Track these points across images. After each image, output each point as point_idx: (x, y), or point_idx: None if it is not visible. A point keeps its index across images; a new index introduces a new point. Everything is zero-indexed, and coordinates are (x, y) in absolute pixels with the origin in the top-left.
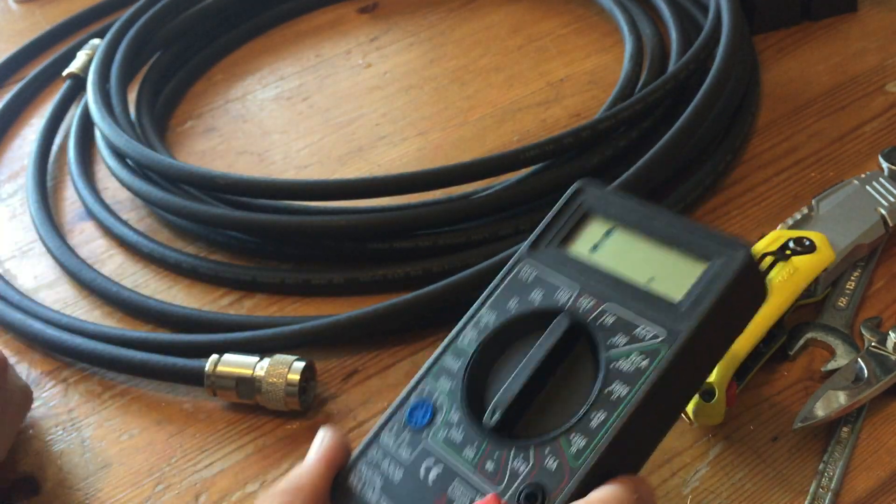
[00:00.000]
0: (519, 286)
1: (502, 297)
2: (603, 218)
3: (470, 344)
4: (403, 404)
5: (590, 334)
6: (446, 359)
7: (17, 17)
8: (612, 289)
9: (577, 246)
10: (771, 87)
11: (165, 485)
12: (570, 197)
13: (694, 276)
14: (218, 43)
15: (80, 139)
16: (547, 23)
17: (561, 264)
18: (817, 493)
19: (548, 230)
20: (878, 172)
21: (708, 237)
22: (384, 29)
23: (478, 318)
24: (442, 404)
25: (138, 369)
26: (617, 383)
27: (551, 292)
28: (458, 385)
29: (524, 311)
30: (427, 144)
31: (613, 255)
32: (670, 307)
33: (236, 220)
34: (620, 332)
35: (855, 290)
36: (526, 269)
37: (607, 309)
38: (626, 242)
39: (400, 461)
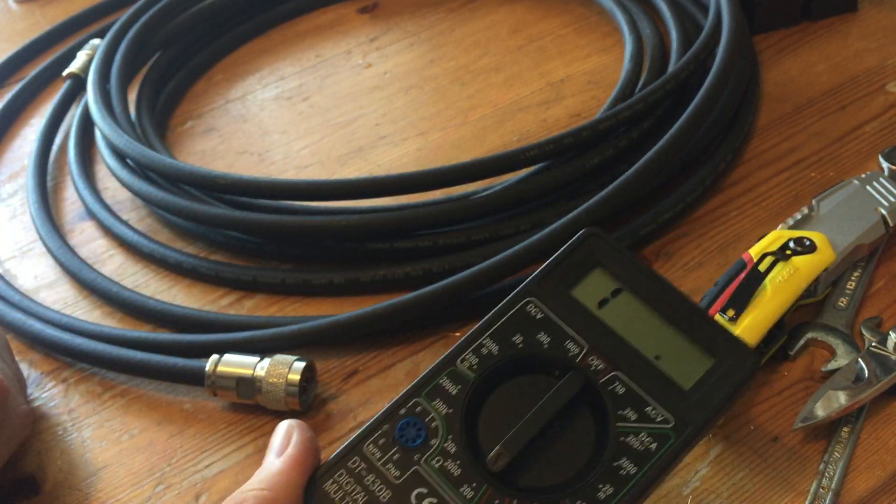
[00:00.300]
0: (525, 322)
1: (507, 330)
2: (612, 275)
3: (470, 370)
4: (392, 417)
5: (599, 399)
6: (443, 380)
7: (17, 17)
8: (621, 355)
9: (584, 295)
10: (771, 87)
11: (166, 485)
12: (581, 242)
13: (702, 369)
14: (218, 43)
15: (80, 139)
16: (547, 23)
17: (569, 312)
18: (818, 493)
19: (556, 270)
20: (879, 172)
21: (713, 331)
22: (384, 29)
23: (479, 345)
24: (437, 428)
25: (138, 369)
26: (626, 460)
27: (560, 340)
28: (458, 414)
29: (531, 352)
30: (427, 144)
31: (621, 318)
32: (680, 395)
33: (236, 221)
34: (630, 407)
35: (855, 290)
36: (533, 307)
37: (618, 377)
38: (633, 309)
39: (387, 480)
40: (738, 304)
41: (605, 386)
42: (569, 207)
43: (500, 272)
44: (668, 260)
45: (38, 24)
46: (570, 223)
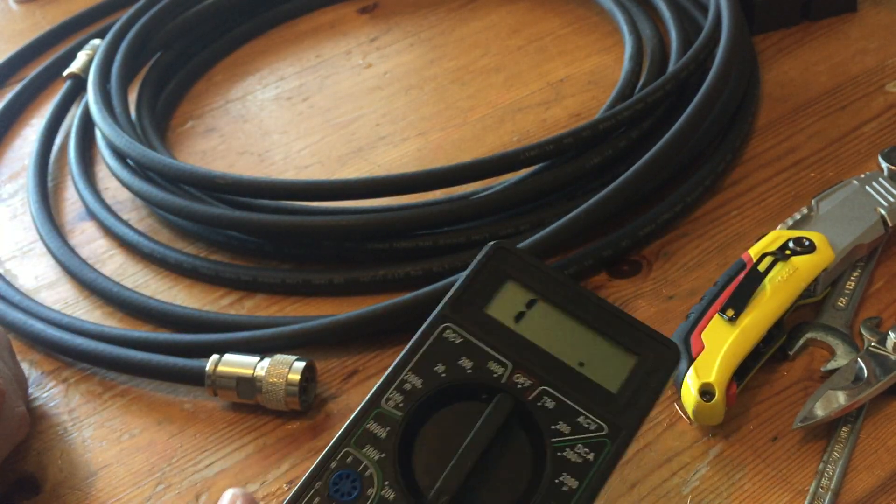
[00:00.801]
0: (444, 349)
1: (428, 360)
2: (524, 286)
3: (397, 409)
4: (323, 472)
5: (531, 418)
6: (370, 424)
7: (18, 18)
8: (545, 368)
9: (500, 312)
10: (771, 87)
11: (166, 485)
12: (487, 258)
13: (626, 369)
14: (218, 43)
15: (80, 139)
16: (547, 23)
17: (487, 331)
18: (817, 492)
19: (467, 291)
20: (878, 172)
21: (632, 328)
22: (384, 29)
23: (402, 381)
24: (372, 476)
25: (139, 369)
26: (566, 475)
27: (483, 362)
28: (390, 458)
29: (456, 380)
30: (427, 145)
31: (540, 330)
32: (608, 399)
33: (237, 221)
34: (562, 420)
35: (855, 290)
36: (450, 332)
37: (546, 391)
38: (550, 318)
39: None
40: (737, 303)
41: (534, 403)
42: (569, 207)
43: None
44: (668, 260)
45: (38, 24)
46: (571, 223)
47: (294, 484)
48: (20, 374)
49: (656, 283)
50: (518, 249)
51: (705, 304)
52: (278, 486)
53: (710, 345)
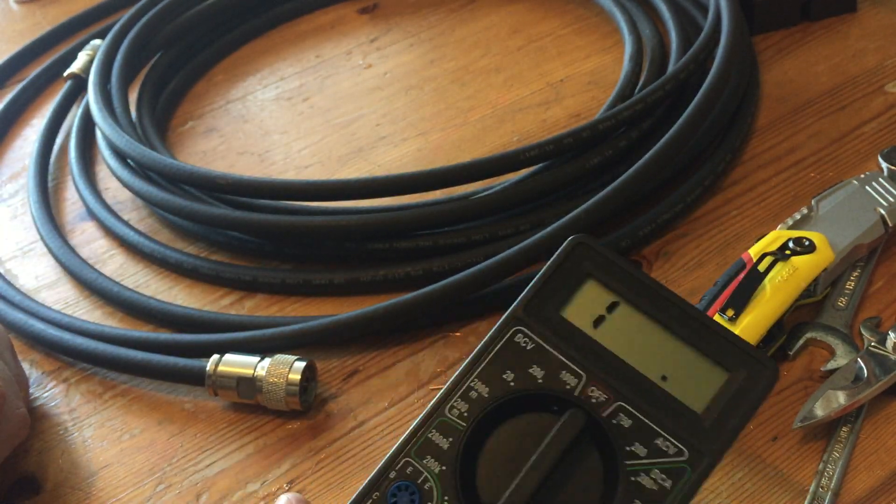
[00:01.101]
0: (514, 355)
1: (496, 367)
2: (606, 287)
3: (461, 419)
4: (382, 482)
5: (604, 435)
6: (432, 433)
7: (18, 18)
8: (623, 382)
9: (577, 315)
10: (771, 87)
11: (167, 484)
12: (567, 254)
13: (714, 386)
14: (218, 43)
15: (81, 139)
16: (547, 23)
17: (562, 337)
18: (817, 492)
19: (543, 290)
20: (878, 172)
21: (724, 340)
22: (384, 29)
23: (468, 388)
24: (431, 490)
25: (139, 369)
26: (639, 502)
27: (555, 372)
28: (452, 471)
29: (525, 389)
30: (427, 145)
31: (620, 337)
32: (692, 421)
33: (237, 221)
34: (638, 441)
35: (854, 289)
36: (522, 336)
37: (623, 408)
38: (632, 324)
39: None
40: (737, 303)
41: (608, 419)
42: (569, 207)
43: (500, 272)
44: (668, 260)
45: (38, 24)
46: (571, 223)
47: (294, 484)
48: (21, 374)
49: None
50: (600, 246)
51: (705, 304)
52: (279, 485)
53: None
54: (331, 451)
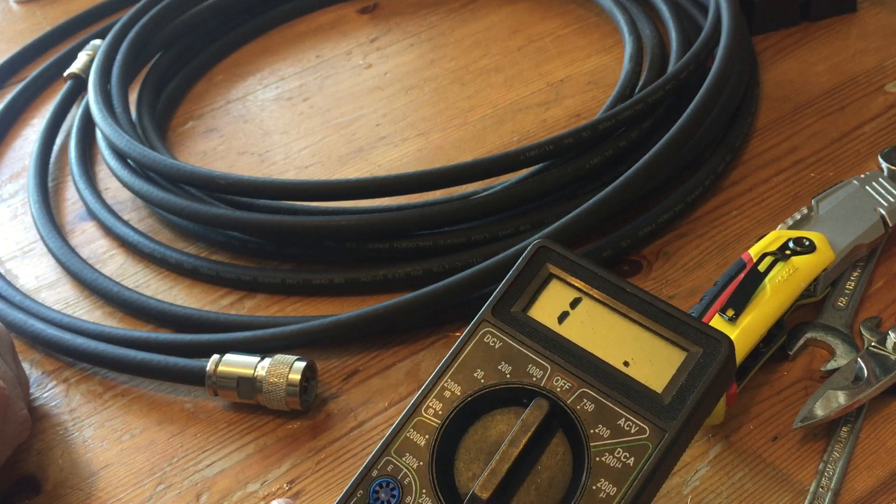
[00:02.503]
0: (484, 354)
1: (467, 366)
2: (568, 285)
3: (435, 417)
4: (364, 480)
5: (569, 419)
6: (410, 433)
7: (18, 18)
8: (587, 370)
9: (542, 313)
10: (770, 87)
11: (167, 485)
12: (531, 257)
13: (673, 366)
14: (219, 43)
15: (81, 139)
16: (547, 23)
17: (528, 335)
18: (817, 492)
19: (510, 293)
20: (878, 172)
21: (681, 321)
22: (384, 29)
23: (442, 388)
24: (410, 484)
25: (139, 369)
26: (604, 481)
27: (522, 366)
28: (428, 466)
29: (494, 385)
30: (427, 145)
31: (584, 330)
32: (652, 399)
33: (237, 221)
34: (602, 423)
35: (854, 289)
36: (490, 336)
37: (586, 394)
38: (595, 316)
39: None
40: (737, 303)
41: (573, 405)
42: (569, 207)
43: (500, 272)
44: (668, 260)
45: (39, 24)
46: (571, 223)
47: (294, 484)
48: (22, 374)
49: (656, 283)
50: (562, 248)
51: (705, 304)
52: (279, 485)
53: None
54: (331, 451)
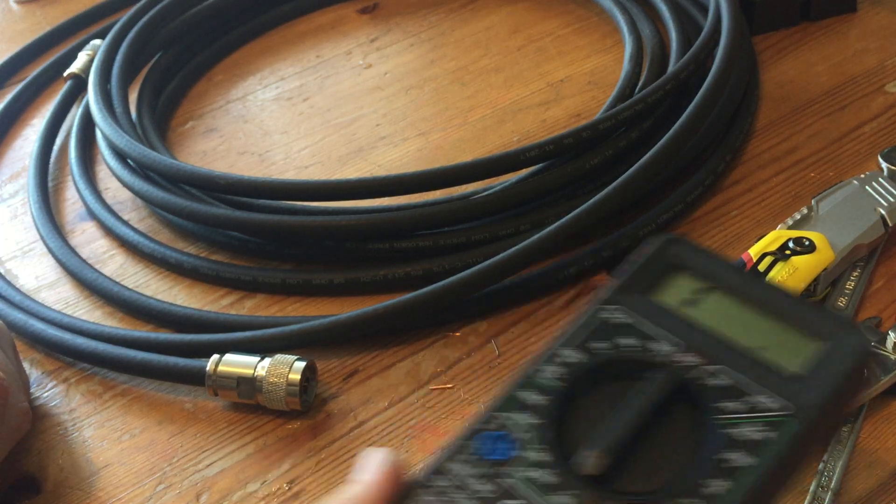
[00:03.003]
0: (605, 329)
1: (587, 338)
2: (698, 275)
3: (552, 380)
4: (475, 432)
5: (694, 394)
6: (523, 393)
7: (18, 18)
8: (719, 350)
9: (670, 298)
10: (770, 87)
11: (167, 484)
12: (660, 248)
13: (810, 352)
14: (219, 43)
15: (81, 139)
16: (547, 23)
17: (655, 314)
18: (817, 492)
19: (636, 276)
20: (878, 172)
21: (816, 314)
22: (384, 29)
23: (558, 355)
24: (523, 440)
25: (139, 369)
26: (737, 452)
27: (647, 341)
28: (545, 423)
29: (617, 356)
30: (427, 145)
31: (714, 315)
32: (791, 379)
33: (237, 221)
34: (736, 399)
35: (854, 289)
36: (612, 313)
37: (718, 371)
38: (726, 305)
39: (478, 495)
40: None
41: (703, 380)
42: (569, 207)
43: (500, 272)
44: None
45: (38, 24)
46: (571, 223)
47: (294, 484)
48: (22, 370)
49: None
50: (694, 242)
51: None
52: (279, 485)
53: None
54: (331, 451)
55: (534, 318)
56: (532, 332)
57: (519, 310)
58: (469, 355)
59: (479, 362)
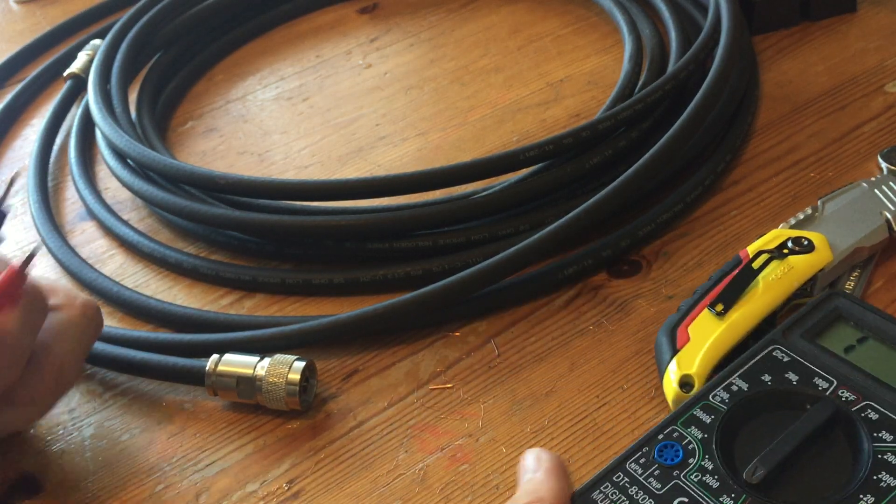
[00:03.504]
0: (772, 365)
1: (755, 371)
2: (856, 325)
3: (723, 403)
4: (651, 441)
5: (852, 424)
6: (697, 411)
7: (18, 18)
8: (871, 388)
9: (829, 343)
10: (771, 87)
11: (166, 484)
12: (823, 299)
13: None
14: (218, 43)
15: (80, 139)
16: (547, 23)
17: (815, 356)
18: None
19: (800, 322)
20: (888, 176)
21: None
22: (384, 29)
23: (730, 383)
24: (693, 450)
25: (139, 369)
26: (886, 474)
27: (809, 377)
28: (712, 437)
29: (781, 388)
30: (427, 145)
31: (870, 360)
32: None
33: (237, 221)
34: (886, 430)
35: (854, 290)
36: (779, 352)
37: (871, 406)
38: (882, 353)
39: (650, 491)
40: (727, 298)
41: (857, 413)
42: (569, 207)
43: (499, 272)
44: (668, 260)
45: (38, 24)
46: (571, 223)
47: (294, 484)
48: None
49: (656, 283)
50: (854, 297)
51: (697, 298)
52: (278, 485)
53: (696, 338)
54: (331, 451)
55: (533, 318)
56: (531, 332)
57: (518, 310)
58: (469, 355)
59: (479, 362)
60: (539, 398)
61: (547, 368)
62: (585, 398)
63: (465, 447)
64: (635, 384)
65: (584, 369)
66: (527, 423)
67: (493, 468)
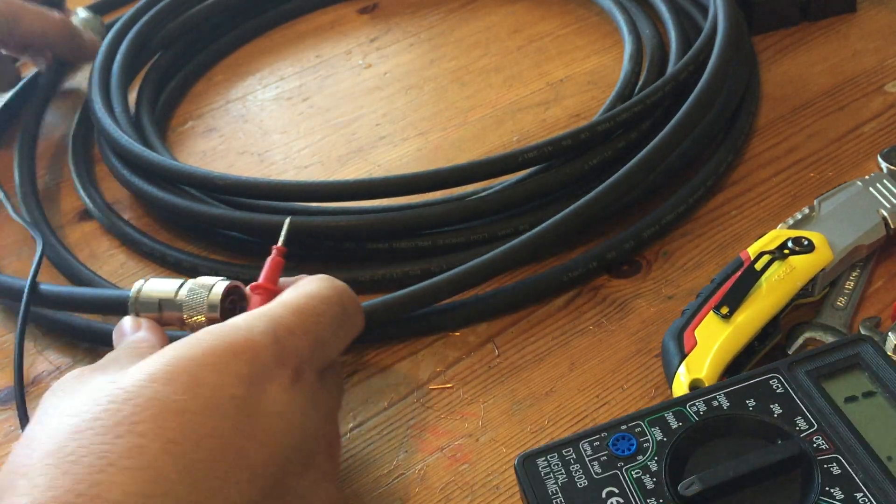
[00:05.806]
0: (763, 392)
1: (743, 393)
2: (870, 378)
3: (696, 414)
4: (612, 428)
5: (811, 471)
6: (668, 415)
7: None
8: (849, 444)
9: (834, 389)
10: (770, 87)
11: None
12: (850, 341)
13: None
14: (218, 43)
15: (81, 139)
16: (547, 23)
17: (811, 396)
18: None
19: (814, 358)
20: (882, 174)
21: None
22: (384, 29)
23: (712, 397)
24: (647, 448)
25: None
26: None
27: (792, 414)
28: (670, 442)
29: (758, 417)
30: (427, 145)
31: (864, 416)
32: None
33: (236, 221)
34: (840, 488)
35: (854, 289)
36: (776, 382)
37: (837, 460)
38: (882, 412)
39: (589, 472)
40: (731, 301)
41: (821, 463)
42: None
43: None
44: (668, 260)
45: None
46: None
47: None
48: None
49: (656, 283)
50: (881, 348)
51: (701, 301)
52: None
53: (703, 341)
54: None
55: (533, 318)
56: (531, 333)
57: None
58: (468, 355)
59: (479, 362)
60: (539, 398)
61: (547, 368)
62: (585, 398)
63: (465, 447)
64: (635, 384)
65: (583, 369)
66: (527, 423)
67: (493, 468)
